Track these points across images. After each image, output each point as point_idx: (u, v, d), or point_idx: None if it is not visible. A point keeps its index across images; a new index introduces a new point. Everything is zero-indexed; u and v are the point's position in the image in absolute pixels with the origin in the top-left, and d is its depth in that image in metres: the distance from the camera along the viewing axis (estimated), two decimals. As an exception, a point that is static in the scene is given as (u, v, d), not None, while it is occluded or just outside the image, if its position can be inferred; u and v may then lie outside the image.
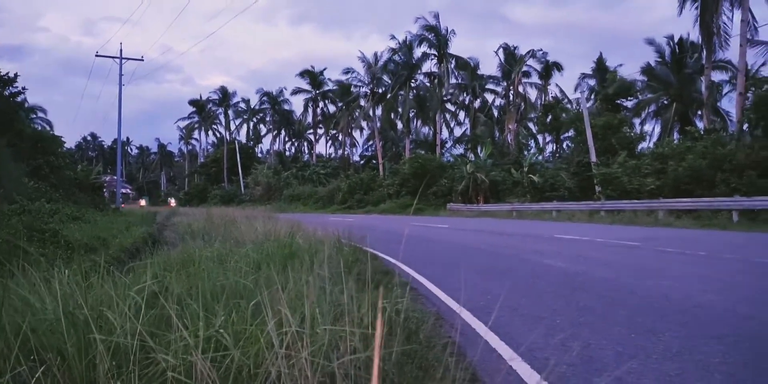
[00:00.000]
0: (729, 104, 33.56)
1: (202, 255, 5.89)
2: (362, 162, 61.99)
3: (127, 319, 2.48)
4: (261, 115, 67.24)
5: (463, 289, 5.60)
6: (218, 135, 72.79)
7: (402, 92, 45.21)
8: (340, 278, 3.92)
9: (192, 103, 70.27)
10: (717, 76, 31.92)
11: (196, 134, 76.00)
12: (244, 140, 68.59)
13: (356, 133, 60.73)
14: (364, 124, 56.72)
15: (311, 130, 64.13)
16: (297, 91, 59.09)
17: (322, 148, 68.32)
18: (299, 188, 51.32)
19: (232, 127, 69.28)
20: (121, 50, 36.67)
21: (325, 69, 58.81)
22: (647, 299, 4.84)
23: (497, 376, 2.85)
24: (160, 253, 6.78)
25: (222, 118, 69.84)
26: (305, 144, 70.16)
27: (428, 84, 45.82)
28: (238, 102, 67.81)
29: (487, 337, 3.63)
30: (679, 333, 3.65)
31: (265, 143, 72.63)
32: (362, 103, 52.09)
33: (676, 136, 29.81)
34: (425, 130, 53.62)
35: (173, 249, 7.59)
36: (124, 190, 54.31)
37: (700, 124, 29.62)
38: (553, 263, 7.57)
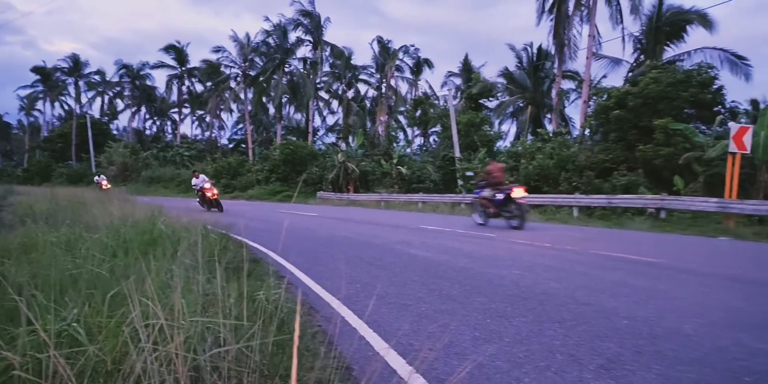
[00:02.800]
0: (574, 111, 37.17)
1: (47, 240, 5.32)
2: (231, 146, 59.72)
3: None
4: (118, 88, 61.96)
5: (333, 278, 5.67)
6: (67, 107, 65.86)
7: (275, 76, 44.18)
8: (208, 267, 3.78)
9: (36, 70, 62.65)
10: (566, 84, 35.24)
11: (39, 105, 68.03)
12: (97, 115, 62.79)
13: (225, 116, 58.35)
14: (234, 106, 54.65)
15: (176, 109, 60.36)
16: (159, 66, 55.24)
17: (187, 128, 64.84)
18: (160, 170, 48.18)
19: (84, 99, 63.11)
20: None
21: (188, 43, 55.60)
22: (501, 287, 5.24)
23: (366, 363, 2.93)
24: (-6, 237, 6.02)
25: (72, 89, 63.24)
26: (169, 123, 65.93)
27: (302, 70, 45.22)
28: (92, 73, 61.81)
29: (357, 325, 3.71)
30: (528, 318, 4.01)
31: (123, 120, 67.30)
32: (233, 84, 50.07)
33: (529, 136, 32.42)
34: (298, 116, 52.97)
35: (11, 233, 6.77)
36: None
37: (550, 127, 32.55)
38: (418, 253, 7.91)
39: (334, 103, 49.77)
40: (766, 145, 15.30)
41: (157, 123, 65.38)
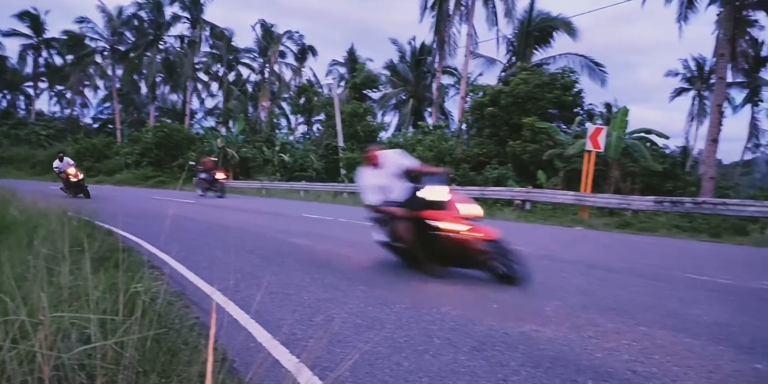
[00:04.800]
0: (453, 105, 38.75)
1: None
2: (96, 125, 54.86)
3: None
4: (-42, 56, 54.31)
5: (211, 268, 5.47)
6: None
7: (148, 53, 41.35)
8: (71, 257, 3.47)
9: None
10: (446, 79, 36.70)
11: None
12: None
13: (90, 93, 53.42)
14: (100, 83, 50.27)
15: (31, 83, 54.19)
16: (11, 34, 49.27)
17: (44, 104, 58.41)
18: (12, 150, 43.20)
19: None
20: None
21: (48, 11, 50.29)
22: (383, 275, 5.38)
23: (247, 354, 2.88)
24: None
25: None
26: (22, 98, 59.06)
27: (179, 49, 42.71)
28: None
29: (238, 316, 3.62)
30: (407, 304, 4.16)
31: (-37, 91, 59.10)
32: (99, 59, 46.04)
33: (410, 129, 33.39)
34: (173, 97, 50.01)
35: None
36: None
37: (430, 121, 33.77)
38: (300, 242, 7.86)
39: (214, 86, 47.67)
40: (617, 145, 17.09)
41: (8, 97, 58.30)
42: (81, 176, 17.32)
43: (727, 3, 18.84)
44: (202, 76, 46.48)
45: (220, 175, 21.62)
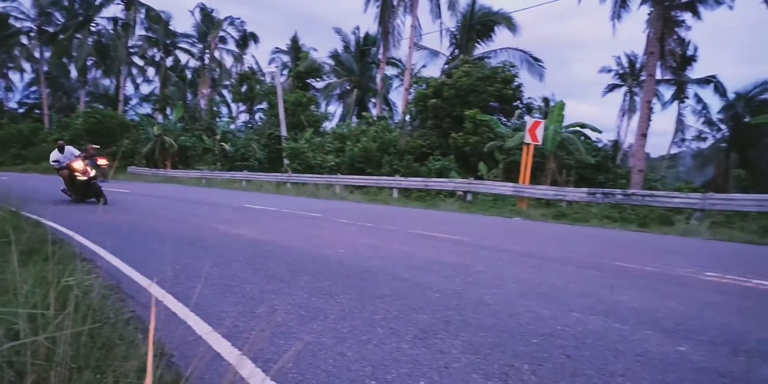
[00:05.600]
0: (397, 96, 38.93)
1: None
2: (22, 110, 51.66)
3: None
4: None
5: (149, 260, 5.30)
6: None
7: (79, 35, 39.26)
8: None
9: None
10: (390, 70, 36.78)
11: None
12: None
13: (15, 76, 50.19)
14: (27, 65, 47.30)
15: (-55, 63, 50.36)
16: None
17: (-39, 87, 54.29)
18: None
19: None
20: None
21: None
22: (326, 266, 5.38)
23: (186, 348, 2.82)
24: None
25: None
26: (-65, 80, 54.76)
27: (112, 31, 40.75)
28: None
29: (177, 309, 3.54)
30: (351, 295, 4.18)
31: None
32: (25, 40, 43.33)
33: (355, 119, 33.30)
34: (106, 82, 47.77)
35: None
36: None
37: (374, 111, 33.80)
38: (242, 232, 7.73)
39: (150, 71, 45.86)
40: (554, 138, 17.67)
41: None
42: (93, 173, 12.09)
43: (657, 3, 19.76)
44: (137, 60, 44.62)
45: (102, 161, 20.89)
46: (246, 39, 45.26)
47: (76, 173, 11.79)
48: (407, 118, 27.05)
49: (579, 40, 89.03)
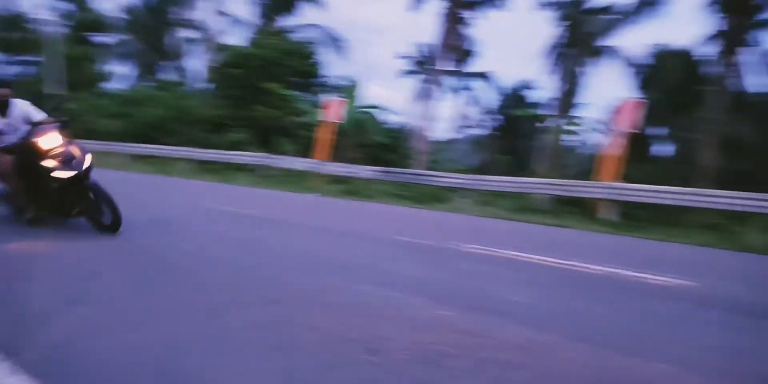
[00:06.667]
0: (194, 63, 36.54)
1: None
2: None
3: None
4: None
5: None
6: None
7: None
8: None
9: None
10: (189, 34, 34.26)
11: None
12: None
13: None
14: None
15: None
16: None
17: None
18: None
19: None
20: None
21: None
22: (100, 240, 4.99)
23: None
24: None
25: None
26: None
27: None
28: None
29: None
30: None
31: None
32: None
33: (146, 82, 30.52)
34: None
35: None
36: None
37: (169, 76, 31.36)
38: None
39: None
40: (351, 116, 18.42)
41: None
42: (86, 160, 5.24)
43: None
44: None
45: None
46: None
47: (47, 161, 5.01)
48: (206, 86, 25.71)
49: (382, 24, 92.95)
